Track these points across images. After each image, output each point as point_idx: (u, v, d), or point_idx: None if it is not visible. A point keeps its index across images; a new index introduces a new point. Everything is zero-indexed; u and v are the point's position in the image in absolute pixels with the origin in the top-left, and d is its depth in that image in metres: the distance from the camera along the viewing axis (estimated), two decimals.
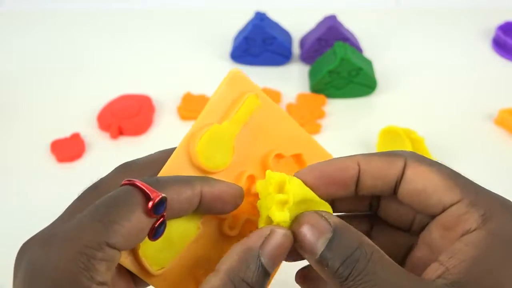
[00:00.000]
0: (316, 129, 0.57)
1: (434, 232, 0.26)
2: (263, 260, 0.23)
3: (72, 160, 0.54)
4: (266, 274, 0.24)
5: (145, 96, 0.61)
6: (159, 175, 0.27)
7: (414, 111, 0.60)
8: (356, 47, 0.65)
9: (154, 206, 0.23)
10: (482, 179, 0.52)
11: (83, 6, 0.81)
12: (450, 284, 0.22)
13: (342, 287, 0.22)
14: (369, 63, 0.63)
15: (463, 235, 0.24)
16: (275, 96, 0.61)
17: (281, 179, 0.25)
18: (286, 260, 0.25)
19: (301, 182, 0.26)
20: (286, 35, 0.68)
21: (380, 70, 0.65)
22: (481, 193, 0.25)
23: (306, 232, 0.24)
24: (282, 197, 0.24)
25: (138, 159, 0.29)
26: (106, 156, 0.55)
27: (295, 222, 0.24)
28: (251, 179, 0.29)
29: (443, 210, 0.25)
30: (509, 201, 0.25)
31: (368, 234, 0.28)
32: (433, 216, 0.26)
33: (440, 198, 0.25)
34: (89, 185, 0.28)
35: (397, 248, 0.28)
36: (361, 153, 0.27)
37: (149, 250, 0.26)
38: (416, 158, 0.26)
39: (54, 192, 0.51)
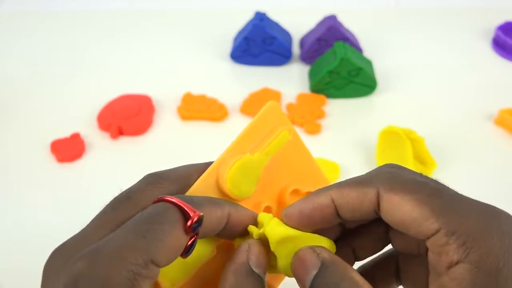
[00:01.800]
0: (316, 129, 0.57)
1: (429, 255, 0.25)
2: (255, 269, 0.25)
3: (72, 160, 0.54)
4: (262, 281, 0.25)
5: (145, 96, 0.61)
6: (187, 193, 0.27)
7: (414, 111, 0.60)
8: (356, 47, 0.65)
9: (193, 224, 0.24)
10: (482, 179, 0.52)
11: (83, 6, 0.81)
12: None
13: None
14: (369, 63, 0.63)
15: (448, 267, 0.23)
16: (275, 96, 0.61)
17: (261, 220, 0.27)
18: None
19: (279, 222, 0.27)
20: (286, 35, 0.68)
21: (380, 70, 0.65)
22: (458, 214, 0.24)
23: (297, 266, 0.26)
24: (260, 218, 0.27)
25: (165, 171, 0.29)
26: (106, 156, 0.55)
27: (292, 262, 0.26)
28: (267, 210, 0.30)
29: (427, 238, 0.24)
30: (490, 209, 0.24)
31: (386, 236, 0.29)
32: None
33: (418, 230, 0.24)
34: (119, 194, 0.27)
35: (411, 249, 0.28)
36: (337, 182, 0.27)
37: (165, 267, 0.26)
38: (388, 186, 0.25)
39: (54, 192, 0.51)
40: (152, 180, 0.28)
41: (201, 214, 0.24)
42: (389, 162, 0.29)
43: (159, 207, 0.24)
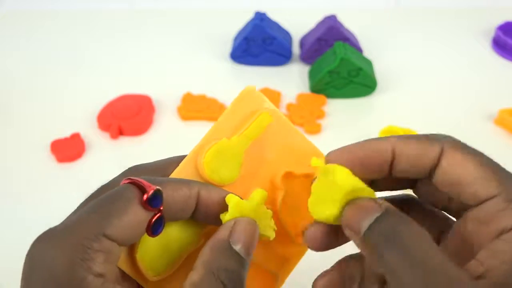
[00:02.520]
0: (316, 129, 0.57)
1: (468, 224, 0.24)
2: (235, 247, 0.25)
3: (72, 160, 0.54)
4: (242, 261, 0.25)
5: (145, 96, 0.61)
6: None
7: (414, 111, 0.60)
8: (356, 47, 0.65)
9: (149, 198, 0.24)
10: None
11: (83, 6, 0.81)
12: (492, 284, 0.21)
13: (383, 259, 0.22)
14: (369, 63, 0.63)
15: (501, 233, 0.22)
16: (275, 96, 0.61)
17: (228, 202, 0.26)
18: (319, 249, 0.26)
19: (350, 172, 0.25)
20: (286, 35, 0.68)
21: (380, 70, 0.65)
22: None
23: (354, 211, 0.24)
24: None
25: (146, 163, 0.29)
26: (106, 156, 0.55)
27: (347, 206, 0.24)
28: None
29: (479, 204, 0.23)
30: None
31: None
32: (469, 206, 0.24)
33: (475, 191, 0.23)
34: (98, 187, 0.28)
35: (431, 233, 0.27)
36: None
37: (147, 255, 0.26)
38: (454, 144, 0.25)
39: (54, 192, 0.51)
40: (128, 171, 0.28)
41: (157, 187, 0.24)
42: None
43: (119, 187, 0.25)
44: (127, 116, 0.58)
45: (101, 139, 0.57)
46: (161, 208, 0.25)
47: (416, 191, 0.28)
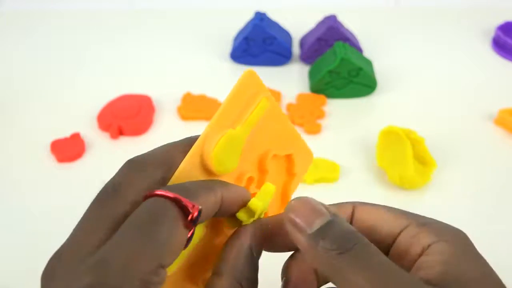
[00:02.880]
0: (316, 129, 0.57)
1: (399, 245, 0.26)
2: (256, 255, 0.26)
3: (72, 160, 0.54)
4: (258, 269, 0.26)
5: (145, 96, 0.61)
6: (173, 177, 0.26)
7: (414, 111, 0.60)
8: (356, 47, 0.65)
9: (194, 219, 0.23)
10: (482, 179, 0.52)
11: (83, 6, 0.81)
12: (428, 281, 0.23)
13: (334, 261, 0.22)
14: (369, 63, 0.63)
15: (423, 250, 0.24)
16: (275, 96, 0.61)
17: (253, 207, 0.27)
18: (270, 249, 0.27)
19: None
20: (286, 35, 0.68)
21: (380, 70, 0.65)
22: (427, 218, 0.26)
23: (305, 208, 0.24)
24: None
25: (147, 155, 0.28)
26: (106, 156, 0.55)
27: (294, 199, 0.25)
28: (250, 180, 0.29)
29: (395, 238, 0.26)
30: (454, 228, 0.26)
31: None
32: (388, 246, 0.26)
33: (389, 228, 0.26)
34: (103, 187, 0.26)
35: None
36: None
37: None
38: (363, 203, 0.28)
39: (54, 192, 0.51)
40: (136, 167, 0.27)
41: (200, 207, 0.23)
42: (389, 162, 0.29)
43: (157, 205, 0.23)
44: (127, 116, 0.58)
45: (101, 139, 0.57)
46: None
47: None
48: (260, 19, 0.65)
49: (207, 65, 0.68)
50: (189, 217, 0.23)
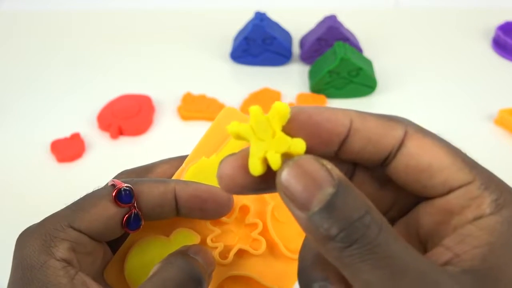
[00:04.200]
0: None
1: (425, 217, 0.22)
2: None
3: (72, 160, 0.54)
4: None
5: (145, 96, 0.61)
6: None
7: (414, 111, 0.60)
8: (356, 47, 0.65)
9: (117, 194, 0.26)
10: None
11: (83, 6, 0.81)
12: (462, 272, 0.19)
13: (340, 254, 0.18)
14: (369, 63, 0.63)
15: (476, 218, 0.20)
16: (275, 96, 0.61)
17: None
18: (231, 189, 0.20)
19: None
20: (286, 35, 0.68)
21: (380, 70, 0.65)
22: (492, 176, 0.21)
23: (301, 181, 0.18)
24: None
25: (135, 167, 0.32)
26: (106, 156, 0.55)
27: (287, 166, 0.19)
28: (245, 209, 0.29)
29: (448, 192, 0.21)
30: None
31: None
32: (425, 198, 0.22)
33: (447, 177, 0.21)
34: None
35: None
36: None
37: (134, 273, 0.27)
38: (419, 129, 0.21)
39: (54, 192, 0.51)
40: (119, 175, 0.31)
41: (127, 185, 0.27)
42: None
43: (97, 187, 0.28)
44: (127, 116, 0.58)
45: (101, 139, 0.57)
46: (135, 205, 0.27)
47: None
48: (260, 19, 0.65)
49: (207, 65, 0.68)
50: (114, 192, 0.26)
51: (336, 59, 0.59)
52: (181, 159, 0.31)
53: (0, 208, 0.50)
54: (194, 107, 0.60)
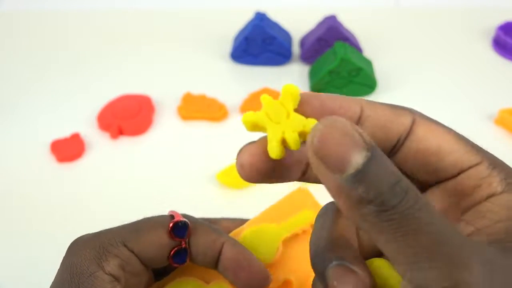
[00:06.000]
0: None
1: (437, 201, 0.22)
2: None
3: (72, 160, 0.54)
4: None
5: (145, 96, 0.61)
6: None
7: None
8: (356, 47, 0.65)
9: (174, 226, 0.27)
10: None
11: (83, 6, 0.81)
12: (488, 244, 0.19)
13: (378, 219, 0.17)
14: (369, 63, 0.63)
15: (489, 196, 0.21)
16: (275, 96, 0.61)
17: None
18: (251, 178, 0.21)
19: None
20: (286, 35, 0.68)
21: (380, 70, 0.65)
22: (496, 158, 0.22)
23: (336, 141, 0.17)
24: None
25: (203, 218, 0.32)
26: (106, 156, 0.55)
27: (321, 125, 0.18)
28: (288, 284, 0.30)
29: (459, 174, 0.21)
30: None
31: None
32: (435, 184, 0.22)
33: (457, 159, 0.21)
34: None
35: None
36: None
37: None
38: (426, 117, 0.22)
39: (54, 192, 0.51)
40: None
41: (185, 220, 0.27)
42: None
43: (161, 215, 0.28)
44: (127, 116, 0.58)
45: (101, 139, 0.57)
46: (186, 240, 0.27)
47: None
48: (260, 19, 0.65)
49: (207, 65, 0.68)
50: (171, 224, 0.27)
51: (336, 59, 0.59)
52: (243, 220, 0.32)
53: (0, 208, 0.50)
54: (194, 107, 0.60)
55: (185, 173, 0.52)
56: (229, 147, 0.56)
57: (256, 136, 0.23)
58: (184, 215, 0.28)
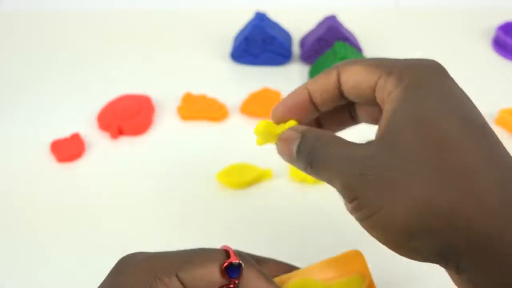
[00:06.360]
0: None
1: (374, 114, 0.31)
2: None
3: (72, 160, 0.54)
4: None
5: (145, 96, 0.61)
6: None
7: None
8: (356, 47, 0.65)
9: (228, 265, 0.27)
10: None
11: (83, 6, 0.81)
12: (376, 141, 0.26)
13: (310, 170, 0.28)
14: None
15: (387, 95, 0.27)
16: (275, 96, 0.61)
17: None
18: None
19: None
20: (286, 35, 0.68)
21: None
22: (397, 62, 0.28)
23: (283, 143, 0.30)
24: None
25: (250, 254, 0.33)
26: (106, 156, 0.55)
27: (278, 139, 0.31)
28: None
29: (375, 88, 0.28)
30: (426, 60, 0.29)
31: (349, 112, 0.34)
32: (371, 103, 0.30)
33: (367, 83, 0.29)
34: None
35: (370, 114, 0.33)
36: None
37: None
38: (346, 62, 0.30)
39: (54, 192, 0.51)
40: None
41: (241, 262, 0.27)
42: None
43: (219, 249, 0.28)
44: (127, 116, 0.58)
45: (101, 139, 0.57)
46: (236, 282, 0.27)
47: (358, 118, 0.34)
48: (260, 19, 0.65)
49: (207, 65, 0.68)
50: (225, 263, 0.27)
51: (336, 59, 0.59)
52: (290, 266, 0.32)
53: (0, 208, 0.50)
54: (194, 107, 0.60)
55: (185, 173, 0.52)
56: (229, 147, 0.56)
57: (255, 137, 0.32)
58: (237, 252, 0.28)
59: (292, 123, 0.31)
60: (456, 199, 0.23)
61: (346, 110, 0.33)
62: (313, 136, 0.29)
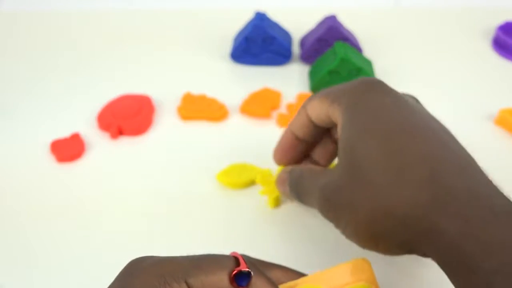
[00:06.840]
0: None
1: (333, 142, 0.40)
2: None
3: (72, 160, 0.54)
4: None
5: (145, 96, 0.61)
6: None
7: None
8: (356, 47, 0.65)
9: (237, 273, 0.27)
10: None
11: (83, 6, 0.81)
12: (336, 164, 0.33)
13: (300, 201, 0.38)
14: (369, 63, 0.63)
15: (338, 124, 0.33)
16: (275, 96, 0.61)
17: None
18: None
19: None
20: (286, 35, 0.68)
21: (380, 70, 0.65)
22: (339, 88, 0.34)
23: (279, 182, 0.41)
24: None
25: (255, 259, 0.34)
26: (106, 156, 0.55)
27: (276, 183, 0.42)
28: None
29: (329, 117, 0.35)
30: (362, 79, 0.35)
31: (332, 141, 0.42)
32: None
33: (324, 114, 0.35)
34: None
35: None
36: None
37: None
38: (309, 98, 0.37)
39: (54, 192, 0.51)
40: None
41: (250, 270, 0.27)
42: None
43: (224, 255, 0.29)
44: (127, 116, 0.58)
45: (101, 139, 0.57)
46: None
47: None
48: (260, 19, 0.65)
49: (207, 65, 0.68)
50: (234, 271, 0.27)
51: (336, 59, 0.59)
52: (297, 273, 0.33)
53: (0, 208, 0.50)
54: (194, 107, 0.60)
55: (185, 173, 0.52)
56: (229, 147, 0.56)
57: (255, 137, 0.39)
58: (244, 257, 0.28)
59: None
60: (396, 203, 0.28)
61: (328, 137, 0.40)
62: (295, 173, 0.38)
